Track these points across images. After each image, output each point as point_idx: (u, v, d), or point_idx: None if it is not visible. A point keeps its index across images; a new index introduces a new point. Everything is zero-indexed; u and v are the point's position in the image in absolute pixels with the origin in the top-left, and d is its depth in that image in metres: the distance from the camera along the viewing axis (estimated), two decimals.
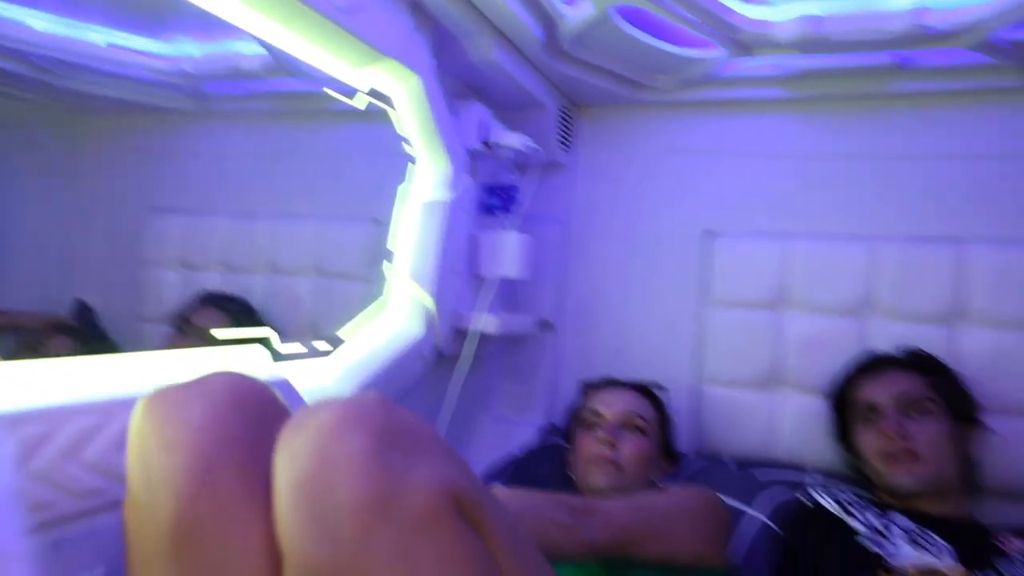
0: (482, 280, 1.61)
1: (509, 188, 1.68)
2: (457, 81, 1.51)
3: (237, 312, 1.65)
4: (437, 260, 1.44)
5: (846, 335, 1.58)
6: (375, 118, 1.32)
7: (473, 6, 1.27)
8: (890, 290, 1.56)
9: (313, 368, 1.23)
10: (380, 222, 1.66)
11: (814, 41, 1.44)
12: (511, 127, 1.59)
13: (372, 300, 1.46)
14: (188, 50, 1.59)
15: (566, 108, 1.80)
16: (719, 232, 1.73)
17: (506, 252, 1.60)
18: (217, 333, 1.11)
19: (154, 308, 1.76)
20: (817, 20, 1.42)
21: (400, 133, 1.37)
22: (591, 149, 1.86)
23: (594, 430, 1.44)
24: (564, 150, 1.81)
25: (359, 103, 1.25)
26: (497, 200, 1.67)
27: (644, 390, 1.53)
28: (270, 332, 1.14)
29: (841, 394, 1.48)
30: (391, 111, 1.32)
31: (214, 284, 1.75)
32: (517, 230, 1.61)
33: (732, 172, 1.72)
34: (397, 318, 1.45)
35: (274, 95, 1.70)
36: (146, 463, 0.63)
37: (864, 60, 1.50)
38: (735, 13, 1.44)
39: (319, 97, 1.30)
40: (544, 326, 1.83)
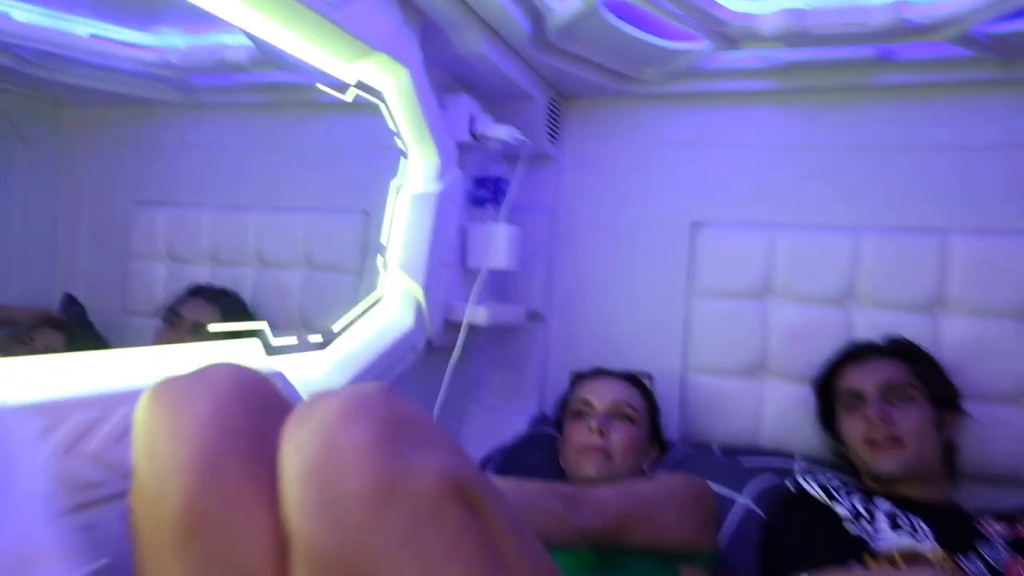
0: (472, 272, 1.62)
1: (498, 180, 1.68)
2: (445, 74, 1.52)
3: (227, 305, 1.65)
4: (427, 252, 1.45)
5: (831, 324, 1.60)
6: (364, 110, 1.32)
7: None
8: (873, 280, 1.58)
9: (305, 361, 1.24)
10: (369, 214, 1.67)
11: (798, 34, 1.46)
12: (499, 119, 1.60)
13: (362, 292, 1.47)
14: (174, 42, 1.58)
15: (554, 100, 1.81)
16: (705, 222, 1.74)
17: (495, 244, 1.61)
18: (210, 327, 1.11)
19: (143, 302, 1.75)
20: (800, 13, 1.44)
21: (389, 126, 1.38)
22: (579, 141, 1.87)
23: (584, 419, 1.46)
24: (552, 142, 1.82)
25: (349, 97, 1.26)
26: (486, 192, 1.68)
27: (633, 379, 1.55)
28: (263, 325, 1.14)
29: (826, 382, 1.50)
30: (380, 104, 1.32)
31: (203, 277, 1.74)
32: (506, 222, 1.62)
33: (718, 163, 1.74)
34: (388, 310, 1.46)
35: (262, 87, 1.69)
36: (154, 455, 0.65)
37: (847, 53, 1.52)
38: (720, 6, 1.45)
39: (308, 89, 1.30)
40: (533, 317, 1.84)
